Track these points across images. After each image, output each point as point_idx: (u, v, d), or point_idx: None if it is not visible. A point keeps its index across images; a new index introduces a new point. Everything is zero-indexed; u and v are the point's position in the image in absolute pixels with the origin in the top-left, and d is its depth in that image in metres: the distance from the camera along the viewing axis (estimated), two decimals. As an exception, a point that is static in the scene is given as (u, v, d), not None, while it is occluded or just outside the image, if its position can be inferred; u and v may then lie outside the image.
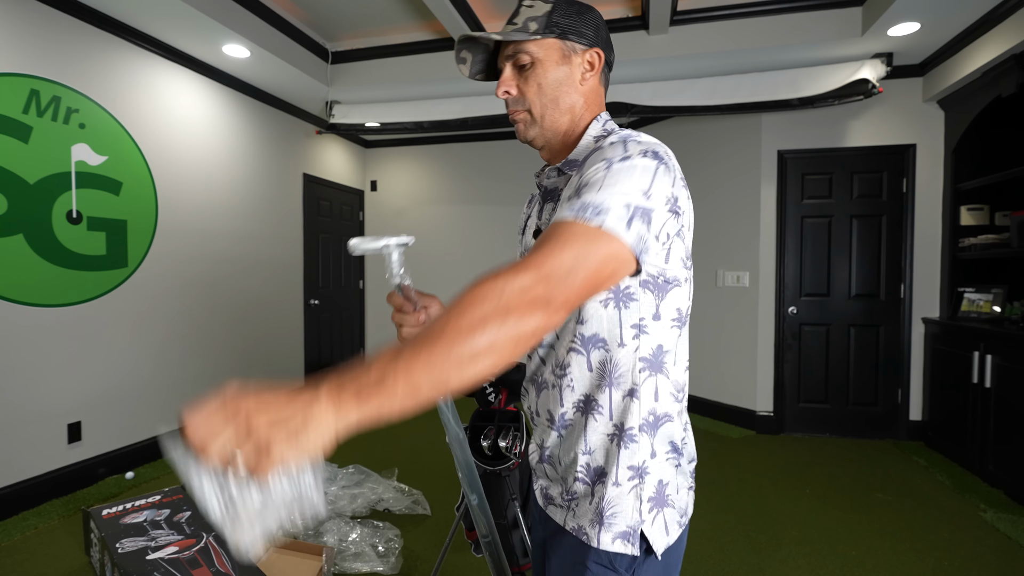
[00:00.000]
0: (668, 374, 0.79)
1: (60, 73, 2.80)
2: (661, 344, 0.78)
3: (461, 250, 5.62)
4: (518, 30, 0.80)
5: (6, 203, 2.57)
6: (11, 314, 2.60)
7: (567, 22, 0.81)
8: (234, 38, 3.30)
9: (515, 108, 0.85)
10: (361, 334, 5.86)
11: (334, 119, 4.51)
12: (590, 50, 0.83)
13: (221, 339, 3.92)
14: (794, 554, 2.32)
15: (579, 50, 0.83)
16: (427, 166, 5.74)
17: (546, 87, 0.82)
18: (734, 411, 4.22)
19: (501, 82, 0.84)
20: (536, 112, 0.83)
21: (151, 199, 3.33)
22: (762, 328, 4.06)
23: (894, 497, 2.89)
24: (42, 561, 2.22)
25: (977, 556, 2.29)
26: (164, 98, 3.43)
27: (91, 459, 2.98)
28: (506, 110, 0.87)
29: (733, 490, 2.98)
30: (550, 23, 0.80)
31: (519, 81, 0.83)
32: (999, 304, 3.29)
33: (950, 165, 3.64)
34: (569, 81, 0.83)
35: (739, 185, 4.15)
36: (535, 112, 0.84)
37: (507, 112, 0.86)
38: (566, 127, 0.85)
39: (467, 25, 3.53)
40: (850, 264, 3.93)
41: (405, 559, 2.25)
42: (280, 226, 4.56)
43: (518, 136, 0.87)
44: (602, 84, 0.88)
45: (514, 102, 0.84)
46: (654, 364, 0.78)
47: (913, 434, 3.84)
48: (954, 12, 2.96)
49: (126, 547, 1.84)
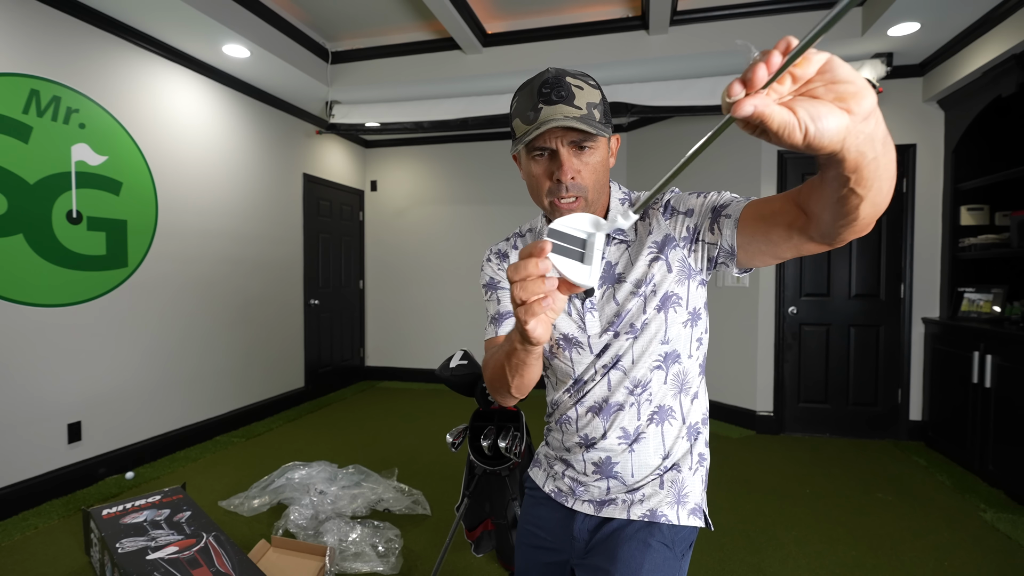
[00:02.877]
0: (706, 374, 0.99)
1: (60, 73, 2.80)
2: (707, 352, 0.98)
3: (461, 250, 5.62)
4: (586, 117, 0.81)
5: (6, 203, 2.57)
6: (11, 314, 2.60)
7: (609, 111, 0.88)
8: (234, 38, 3.30)
9: (574, 194, 0.85)
10: (361, 334, 5.86)
11: (334, 119, 4.51)
12: (613, 136, 0.91)
13: (221, 339, 3.92)
14: (794, 554, 2.32)
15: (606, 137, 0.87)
16: (427, 166, 5.74)
17: (599, 173, 0.87)
18: (734, 411, 4.22)
19: (566, 167, 0.83)
20: (590, 197, 0.87)
21: (151, 199, 3.34)
22: (762, 328, 4.06)
23: (894, 497, 2.89)
24: (42, 561, 2.22)
25: (977, 556, 2.29)
26: (164, 98, 3.43)
27: (91, 459, 2.98)
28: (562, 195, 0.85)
29: (733, 490, 2.98)
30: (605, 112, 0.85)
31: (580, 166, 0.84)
32: (999, 304, 3.29)
33: (950, 165, 3.64)
34: (607, 167, 0.89)
35: (739, 185, 4.15)
36: (589, 197, 0.87)
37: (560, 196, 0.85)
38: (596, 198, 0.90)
39: (467, 25, 3.53)
40: (850, 264, 3.93)
41: (405, 559, 2.25)
42: (280, 226, 4.56)
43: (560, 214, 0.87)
44: None
45: (575, 187, 0.84)
46: (703, 369, 0.97)
47: (913, 434, 3.84)
48: (954, 12, 2.96)
49: (126, 547, 1.84)
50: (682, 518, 0.92)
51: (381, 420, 4.38)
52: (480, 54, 3.92)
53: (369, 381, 5.88)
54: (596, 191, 0.87)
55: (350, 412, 4.63)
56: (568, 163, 0.83)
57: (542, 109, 0.81)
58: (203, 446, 3.64)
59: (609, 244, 0.94)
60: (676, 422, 0.93)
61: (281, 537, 2.23)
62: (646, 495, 0.93)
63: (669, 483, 0.93)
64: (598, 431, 0.94)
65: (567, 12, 3.68)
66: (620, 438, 0.93)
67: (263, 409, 4.33)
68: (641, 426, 0.92)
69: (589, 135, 0.82)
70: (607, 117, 0.86)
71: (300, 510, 2.48)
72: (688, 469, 0.94)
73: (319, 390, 5.10)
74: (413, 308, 5.81)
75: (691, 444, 0.95)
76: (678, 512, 0.92)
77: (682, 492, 0.93)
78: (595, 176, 0.86)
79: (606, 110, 0.86)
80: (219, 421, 3.88)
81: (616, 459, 0.94)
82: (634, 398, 0.92)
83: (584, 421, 0.96)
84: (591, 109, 0.82)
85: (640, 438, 0.93)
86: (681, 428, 0.94)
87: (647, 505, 0.93)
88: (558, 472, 1.02)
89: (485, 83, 4.07)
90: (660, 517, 0.92)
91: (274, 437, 3.90)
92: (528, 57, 3.82)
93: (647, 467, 0.93)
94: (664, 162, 4.66)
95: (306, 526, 2.41)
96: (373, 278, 5.93)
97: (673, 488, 0.93)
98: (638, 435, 0.93)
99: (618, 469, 0.94)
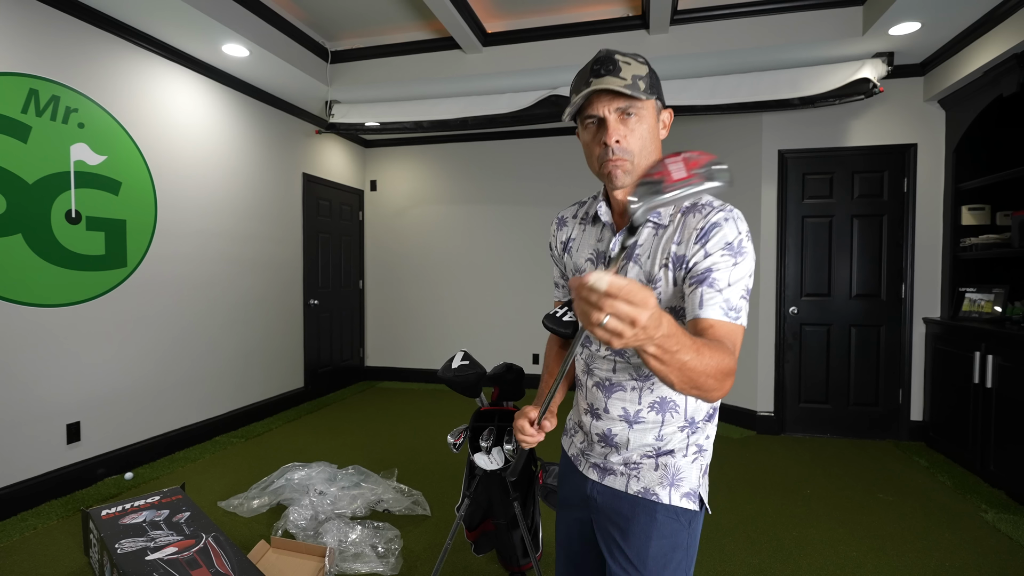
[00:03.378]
0: None
1: (59, 72, 2.79)
2: None
3: (461, 250, 5.62)
4: (629, 86, 0.89)
5: (5, 203, 2.56)
6: (10, 314, 2.59)
7: (658, 84, 0.95)
8: (233, 37, 3.29)
9: (620, 156, 0.92)
10: (361, 334, 5.86)
11: (334, 119, 4.50)
12: (665, 110, 0.98)
13: (220, 339, 3.91)
14: (795, 555, 2.31)
15: (661, 109, 0.97)
16: (427, 166, 5.73)
17: (646, 140, 0.93)
18: (735, 411, 4.21)
19: (612, 131, 0.90)
20: (636, 162, 0.93)
21: (150, 199, 3.33)
22: (763, 328, 4.05)
23: (895, 498, 2.89)
24: (41, 562, 2.21)
25: (978, 557, 2.29)
26: (163, 97, 3.42)
27: (90, 459, 2.98)
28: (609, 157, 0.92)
29: (734, 491, 2.97)
30: (651, 84, 0.92)
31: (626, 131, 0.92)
32: (1000, 304, 3.28)
33: (951, 165, 3.63)
34: (655, 136, 0.95)
35: (740, 185, 4.14)
36: (636, 161, 0.93)
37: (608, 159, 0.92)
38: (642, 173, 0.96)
39: (467, 25, 3.53)
40: (851, 264, 3.93)
41: (405, 560, 2.24)
42: (280, 226, 4.55)
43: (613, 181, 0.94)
44: None
45: (620, 151, 0.91)
46: None
47: (914, 434, 3.84)
48: (955, 11, 2.95)
49: (125, 548, 1.83)
50: (674, 499, 0.96)
51: (381, 420, 4.37)
52: (480, 54, 3.91)
53: (369, 381, 5.88)
54: (643, 156, 0.93)
55: (350, 412, 4.63)
56: (614, 128, 0.90)
57: (591, 82, 0.90)
58: (202, 446, 3.63)
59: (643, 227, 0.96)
60: (678, 415, 0.97)
61: (280, 538, 2.23)
62: (642, 473, 0.99)
63: (663, 466, 0.98)
64: (601, 405, 1.03)
65: (567, 11, 3.68)
66: (620, 416, 1.00)
67: (262, 409, 4.32)
68: (642, 411, 0.98)
69: (634, 103, 0.90)
70: (654, 89, 0.92)
71: (300, 511, 2.48)
72: (683, 456, 0.98)
73: (319, 390, 5.09)
74: (413, 308, 5.80)
75: (689, 436, 0.98)
76: (670, 493, 0.96)
77: (676, 476, 0.97)
78: (641, 142, 0.92)
79: (652, 83, 0.92)
80: (218, 421, 3.87)
81: (616, 432, 1.01)
82: (637, 383, 0.99)
83: (592, 393, 1.05)
84: (636, 80, 0.89)
85: (639, 419, 0.99)
86: (681, 422, 0.98)
87: (642, 483, 0.99)
88: (575, 438, 1.13)
89: (485, 83, 4.07)
90: (652, 496, 0.97)
91: (273, 437, 3.89)
92: (528, 57, 3.81)
93: (644, 447, 0.99)
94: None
95: (306, 527, 2.41)
96: (373, 278, 5.93)
97: (667, 471, 0.98)
98: (638, 417, 0.99)
99: (618, 441, 1.01)
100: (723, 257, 0.87)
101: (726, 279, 0.86)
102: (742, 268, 0.87)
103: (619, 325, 0.59)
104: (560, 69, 3.77)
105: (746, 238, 0.89)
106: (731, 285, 0.86)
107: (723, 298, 0.85)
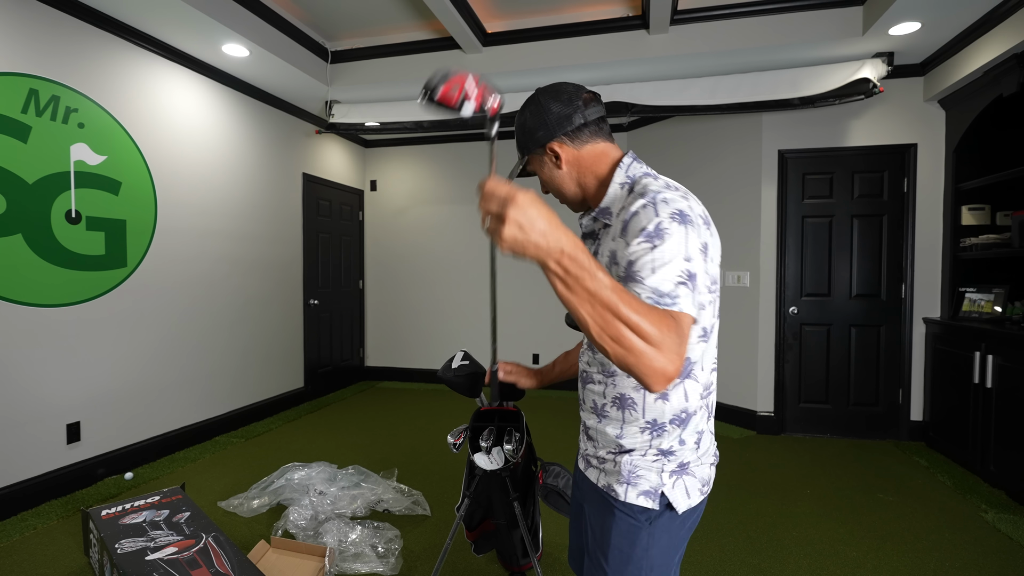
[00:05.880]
0: (697, 379, 0.95)
1: (59, 72, 2.79)
2: (689, 357, 0.92)
3: (461, 250, 5.61)
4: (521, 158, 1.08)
5: (5, 203, 2.56)
6: (9, 314, 2.59)
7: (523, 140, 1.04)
8: (233, 37, 3.29)
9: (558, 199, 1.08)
10: (361, 334, 5.86)
11: (334, 119, 4.50)
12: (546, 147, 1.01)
13: (221, 339, 3.91)
14: (795, 555, 2.31)
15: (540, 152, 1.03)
16: (427, 166, 5.73)
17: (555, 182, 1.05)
18: (735, 411, 4.21)
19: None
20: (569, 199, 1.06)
21: (150, 199, 3.33)
22: (763, 328, 4.05)
23: (895, 498, 2.89)
24: (41, 562, 2.21)
25: (978, 557, 2.29)
26: (163, 98, 3.42)
27: (90, 459, 2.98)
28: None
29: (734, 491, 2.97)
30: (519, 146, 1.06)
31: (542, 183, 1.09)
32: (1000, 304, 3.28)
33: (951, 165, 3.63)
34: (556, 174, 1.03)
35: (740, 185, 4.14)
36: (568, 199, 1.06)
37: None
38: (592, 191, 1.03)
39: (467, 25, 3.53)
40: (851, 264, 3.93)
41: (405, 560, 2.24)
42: (280, 226, 4.55)
43: None
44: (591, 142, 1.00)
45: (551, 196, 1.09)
46: (683, 373, 0.93)
47: (914, 434, 3.84)
48: (955, 12, 2.95)
49: (125, 548, 1.83)
50: (630, 497, 0.95)
51: (381, 420, 4.37)
52: (480, 53, 3.91)
53: (369, 381, 5.87)
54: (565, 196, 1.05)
55: (350, 412, 4.63)
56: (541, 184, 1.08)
57: None
58: (202, 446, 3.63)
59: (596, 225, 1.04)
60: (636, 414, 0.96)
61: (280, 538, 2.23)
62: (607, 469, 1.00)
63: (624, 463, 0.97)
64: (581, 395, 1.09)
65: (567, 11, 3.68)
66: (591, 409, 1.04)
67: (262, 409, 4.32)
68: (607, 405, 1.00)
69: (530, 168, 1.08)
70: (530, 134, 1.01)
71: (299, 511, 2.48)
72: (642, 456, 0.97)
73: (319, 390, 5.09)
74: (413, 308, 5.80)
75: (651, 439, 0.96)
76: (627, 491, 0.96)
77: (632, 474, 0.96)
78: (553, 185, 1.05)
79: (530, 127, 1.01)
80: (218, 421, 3.87)
81: (590, 425, 1.05)
82: (603, 377, 1.01)
83: (579, 384, 1.10)
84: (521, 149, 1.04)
85: (605, 414, 1.01)
86: (641, 421, 0.96)
87: (606, 479, 1.00)
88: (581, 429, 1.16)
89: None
90: (611, 492, 0.98)
91: (273, 437, 3.89)
92: (528, 56, 3.81)
93: (608, 443, 1.00)
94: (664, 161, 4.65)
95: (306, 527, 2.41)
96: (373, 278, 5.93)
97: (624, 468, 0.97)
98: (603, 412, 1.01)
99: (592, 435, 1.05)
100: (640, 245, 0.81)
101: (649, 267, 0.79)
102: (665, 250, 0.79)
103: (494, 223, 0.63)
104: (560, 69, 3.77)
105: (668, 219, 0.82)
106: (655, 271, 0.79)
107: (650, 288, 0.78)
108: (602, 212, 0.99)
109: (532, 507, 2.00)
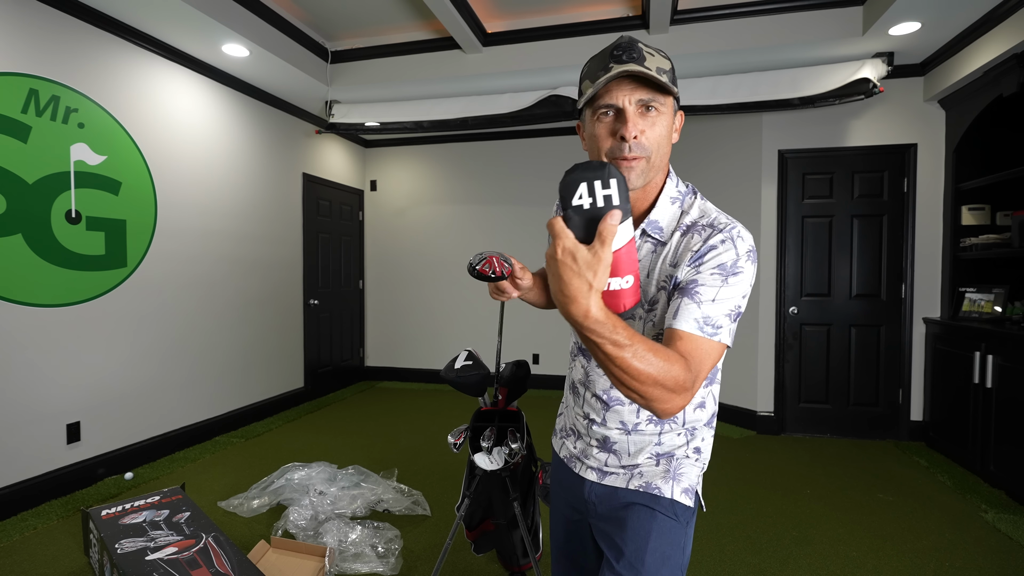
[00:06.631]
0: (718, 382, 0.99)
1: (59, 72, 2.79)
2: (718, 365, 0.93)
3: (461, 250, 5.61)
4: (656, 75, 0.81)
5: (5, 203, 2.56)
6: (9, 314, 2.59)
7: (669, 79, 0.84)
8: (233, 37, 3.29)
9: (636, 154, 0.83)
10: (361, 334, 5.86)
11: (334, 119, 4.50)
12: (679, 112, 0.91)
13: (221, 339, 3.91)
14: (795, 555, 2.31)
15: (677, 110, 0.89)
16: (427, 166, 5.73)
17: (663, 140, 0.86)
18: (735, 411, 4.21)
19: (631, 124, 0.81)
20: (653, 160, 0.85)
21: (150, 199, 3.33)
22: (763, 328, 4.05)
23: (895, 498, 2.89)
24: (41, 562, 2.21)
25: (978, 557, 2.29)
26: (163, 98, 3.42)
27: (90, 459, 2.98)
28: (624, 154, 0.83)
29: (734, 491, 2.97)
30: (673, 80, 0.85)
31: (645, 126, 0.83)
32: (1000, 304, 3.28)
33: (951, 165, 3.63)
34: (670, 138, 0.88)
35: (740, 185, 4.14)
36: (652, 159, 0.85)
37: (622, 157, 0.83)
38: (655, 178, 0.89)
39: (467, 25, 3.52)
40: (851, 264, 3.93)
41: (405, 560, 2.24)
42: (280, 226, 4.55)
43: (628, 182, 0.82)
44: None
45: (638, 147, 0.82)
46: (712, 379, 0.96)
47: (914, 434, 3.84)
48: (955, 12, 2.95)
49: (125, 548, 1.83)
50: (675, 494, 0.95)
51: (381, 420, 4.37)
52: (480, 53, 3.91)
53: (369, 381, 5.87)
54: (659, 157, 0.86)
55: (350, 412, 4.63)
56: (633, 120, 0.81)
57: (612, 67, 0.80)
58: (202, 446, 3.63)
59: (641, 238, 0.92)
60: (675, 426, 0.96)
61: (280, 538, 2.23)
62: (643, 471, 0.98)
63: (665, 463, 0.97)
64: (599, 416, 1.01)
65: (567, 11, 3.67)
66: (619, 428, 0.99)
67: (262, 409, 4.32)
68: (640, 423, 0.97)
69: (657, 97, 0.82)
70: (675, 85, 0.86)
71: (300, 511, 2.48)
72: (684, 457, 0.98)
73: (319, 390, 5.09)
74: (413, 308, 5.80)
75: (688, 440, 0.97)
76: (672, 487, 0.95)
77: (677, 471, 0.96)
78: (659, 141, 0.85)
79: (674, 79, 0.86)
80: (218, 421, 3.87)
81: (615, 440, 0.99)
82: None
83: (590, 404, 1.03)
84: (660, 73, 0.82)
85: (637, 430, 0.97)
86: (680, 430, 0.97)
87: (644, 478, 0.97)
88: (567, 440, 1.11)
89: (485, 83, 4.07)
90: (654, 489, 0.96)
91: (273, 437, 3.89)
92: (528, 56, 3.81)
93: (643, 452, 0.98)
94: (664, 162, 4.65)
95: (306, 527, 2.41)
96: (373, 278, 5.93)
97: (669, 466, 0.97)
98: (636, 429, 0.97)
99: (618, 448, 1.00)
100: (712, 276, 0.82)
101: (711, 295, 0.80)
102: (734, 289, 0.81)
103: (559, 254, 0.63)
104: (560, 69, 3.77)
105: (745, 258, 0.83)
106: (716, 301, 0.80)
107: (702, 313, 0.79)
108: (652, 226, 0.91)
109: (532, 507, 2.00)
